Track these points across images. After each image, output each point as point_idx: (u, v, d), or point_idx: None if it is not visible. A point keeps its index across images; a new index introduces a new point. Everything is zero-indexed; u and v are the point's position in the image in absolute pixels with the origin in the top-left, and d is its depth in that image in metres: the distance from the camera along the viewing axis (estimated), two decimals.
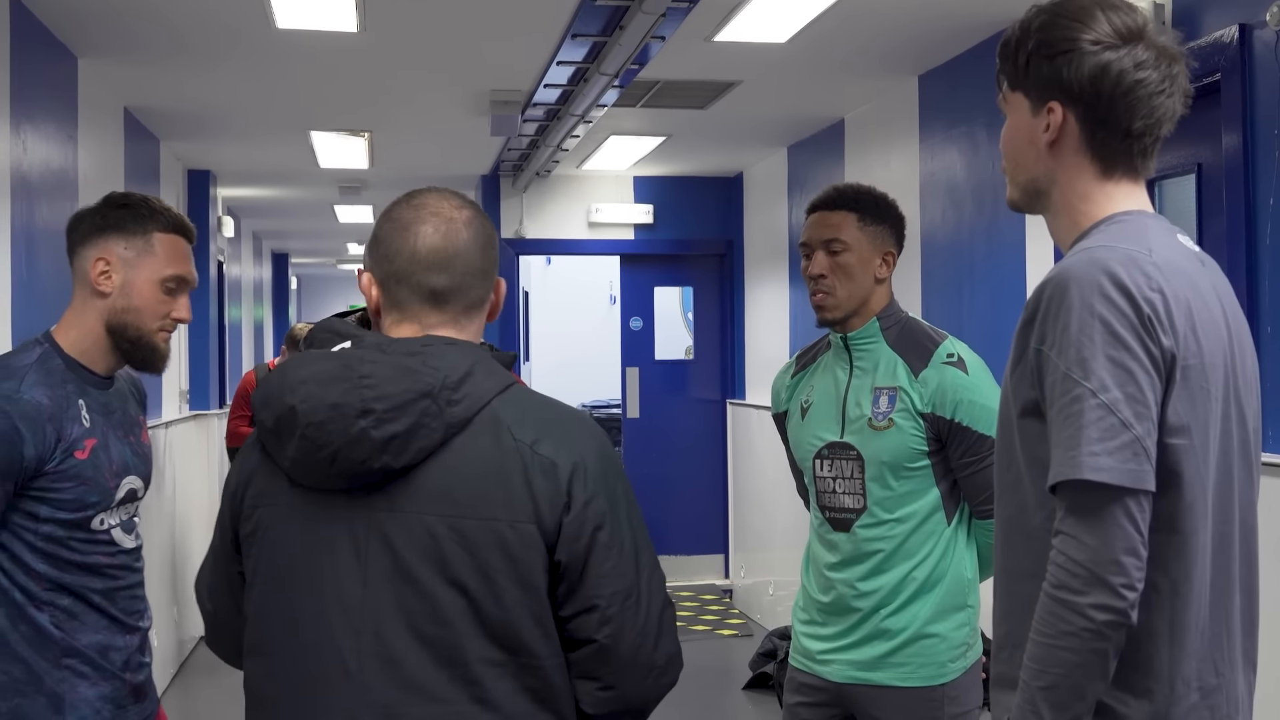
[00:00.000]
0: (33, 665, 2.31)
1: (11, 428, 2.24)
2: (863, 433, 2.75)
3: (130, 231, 2.44)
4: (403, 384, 1.66)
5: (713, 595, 8.51)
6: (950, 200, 5.14)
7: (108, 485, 2.37)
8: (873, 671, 2.74)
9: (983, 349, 2.91)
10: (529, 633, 1.67)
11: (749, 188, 8.14)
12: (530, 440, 1.70)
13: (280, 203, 9.77)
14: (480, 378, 1.71)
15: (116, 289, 2.43)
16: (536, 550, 1.67)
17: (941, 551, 2.73)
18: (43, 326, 2.52)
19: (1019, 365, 1.70)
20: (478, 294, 1.82)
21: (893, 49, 4.99)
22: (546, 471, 1.68)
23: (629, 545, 1.73)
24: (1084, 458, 1.57)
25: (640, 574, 1.73)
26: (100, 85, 5.29)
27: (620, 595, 1.70)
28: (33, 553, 2.30)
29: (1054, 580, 1.59)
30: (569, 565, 1.68)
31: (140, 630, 2.47)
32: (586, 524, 1.69)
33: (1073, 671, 1.58)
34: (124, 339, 2.43)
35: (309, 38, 4.68)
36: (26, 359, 2.37)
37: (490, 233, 1.84)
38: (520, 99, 5.67)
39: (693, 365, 8.83)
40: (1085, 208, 1.77)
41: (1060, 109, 1.75)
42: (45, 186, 4.35)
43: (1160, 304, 1.62)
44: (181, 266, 2.47)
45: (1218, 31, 3.49)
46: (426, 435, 1.66)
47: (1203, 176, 3.68)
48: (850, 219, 2.78)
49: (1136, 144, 1.75)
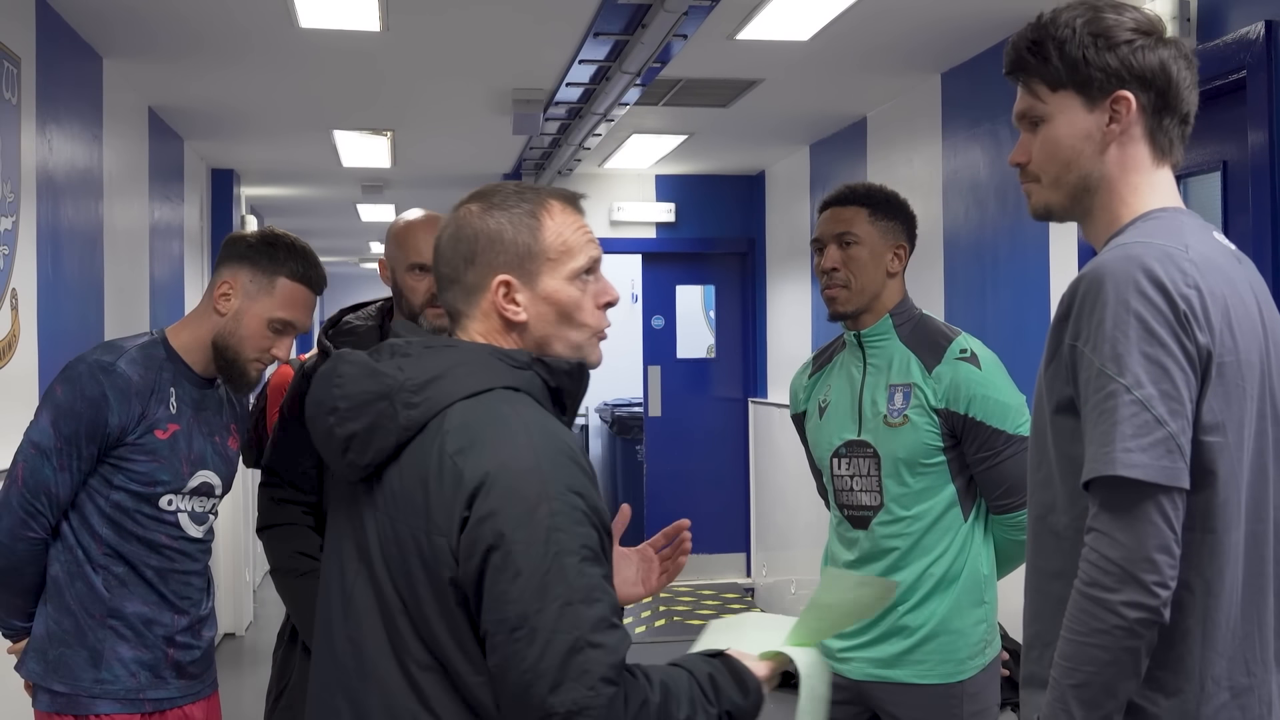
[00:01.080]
0: (80, 620, 2.50)
1: (101, 394, 2.46)
2: (879, 430, 2.76)
3: (261, 268, 2.59)
4: (363, 385, 1.69)
5: (735, 594, 8.50)
6: (973, 198, 5.12)
7: (181, 470, 2.55)
8: (891, 669, 2.74)
9: (1006, 347, 2.90)
10: (447, 645, 1.62)
11: (771, 186, 8.12)
12: (454, 449, 1.61)
13: (303, 201, 9.81)
14: (450, 381, 1.66)
15: (231, 313, 2.59)
16: (445, 564, 1.60)
17: (959, 547, 2.74)
18: (68, 325, 2.64)
19: (1053, 362, 1.69)
20: (457, 300, 1.76)
21: (915, 47, 4.98)
22: (455, 482, 1.60)
23: (532, 573, 1.54)
24: (1118, 454, 1.56)
25: (543, 607, 1.53)
26: (125, 85, 5.31)
27: (508, 625, 1.54)
28: (100, 516, 2.50)
29: (1086, 578, 1.58)
30: (463, 583, 1.59)
31: (189, 614, 2.60)
32: (479, 542, 1.56)
33: (1104, 669, 1.57)
34: (223, 357, 2.60)
35: (332, 37, 4.69)
36: (133, 341, 2.58)
37: (470, 233, 1.74)
38: (542, 97, 5.68)
39: (714, 364, 8.83)
40: (1131, 200, 1.76)
41: (1133, 97, 1.74)
42: (71, 186, 4.38)
43: (1196, 300, 1.61)
44: (294, 313, 2.62)
45: (1243, 28, 3.47)
46: (382, 436, 1.67)
47: (1228, 174, 3.66)
48: (861, 213, 2.81)
49: (1186, 129, 1.78)
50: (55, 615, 2.51)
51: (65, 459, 2.45)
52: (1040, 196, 1.83)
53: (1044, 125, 1.80)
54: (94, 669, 2.49)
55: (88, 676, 2.49)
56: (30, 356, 3.78)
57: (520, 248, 1.74)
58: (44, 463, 2.45)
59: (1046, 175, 1.81)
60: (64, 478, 2.46)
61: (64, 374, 2.51)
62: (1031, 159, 1.82)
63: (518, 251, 1.73)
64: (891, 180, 5.97)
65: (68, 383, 2.48)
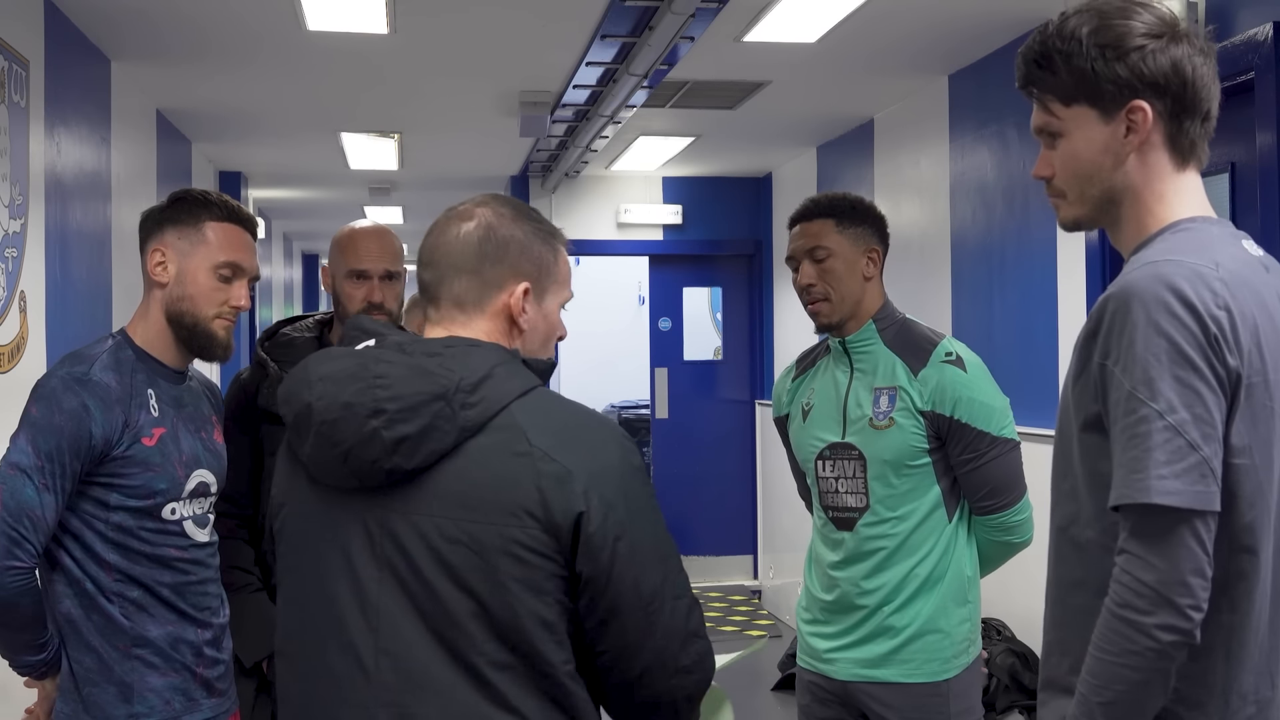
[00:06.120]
0: (103, 655, 2.35)
1: (81, 405, 2.30)
2: (864, 432, 2.79)
3: (184, 223, 2.48)
4: (417, 385, 1.65)
5: (741, 596, 8.49)
6: (981, 200, 5.11)
7: (177, 474, 2.41)
8: (877, 669, 2.77)
9: (1013, 349, 2.90)
10: (539, 638, 1.64)
11: (778, 188, 8.12)
12: (546, 446, 1.65)
13: (310, 204, 9.83)
14: (500, 380, 1.68)
15: (172, 278, 2.47)
16: (548, 558, 1.63)
17: (943, 548, 2.77)
18: (77, 328, 2.58)
19: (1081, 378, 1.68)
20: (468, 292, 1.76)
21: (922, 48, 4.97)
22: (561, 480, 1.64)
23: (651, 551, 1.70)
24: (1152, 480, 1.55)
25: (665, 579, 1.70)
26: (133, 88, 5.33)
27: (644, 603, 1.67)
28: (104, 542, 2.35)
29: (1119, 599, 1.57)
30: (592, 577, 1.65)
31: (212, 625, 2.50)
32: (608, 535, 1.65)
33: (1135, 689, 1.57)
34: (181, 327, 2.47)
35: (339, 39, 4.70)
36: (99, 348, 2.43)
37: (504, 234, 1.78)
38: (549, 100, 5.68)
39: (721, 366, 8.82)
40: (1158, 210, 1.73)
41: (1148, 106, 1.70)
42: (79, 189, 4.39)
43: (1226, 321, 1.59)
44: (236, 254, 2.49)
45: (1251, 30, 3.46)
46: (438, 438, 1.64)
47: (1236, 175, 3.65)
48: (829, 225, 2.83)
49: (1209, 125, 1.74)
50: (76, 655, 2.35)
51: (48, 478, 2.27)
52: (1068, 211, 1.81)
53: (1062, 140, 1.77)
54: (126, 704, 2.36)
55: (121, 713, 2.36)
56: (39, 359, 3.78)
57: (544, 263, 1.81)
58: (25, 483, 2.26)
59: (1071, 190, 1.78)
60: (48, 499, 2.27)
61: (36, 392, 2.35)
62: (1055, 173, 1.79)
63: (541, 265, 1.81)
64: (898, 182, 5.99)
65: (42, 400, 2.32)
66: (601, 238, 8.35)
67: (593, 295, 13.82)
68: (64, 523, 2.34)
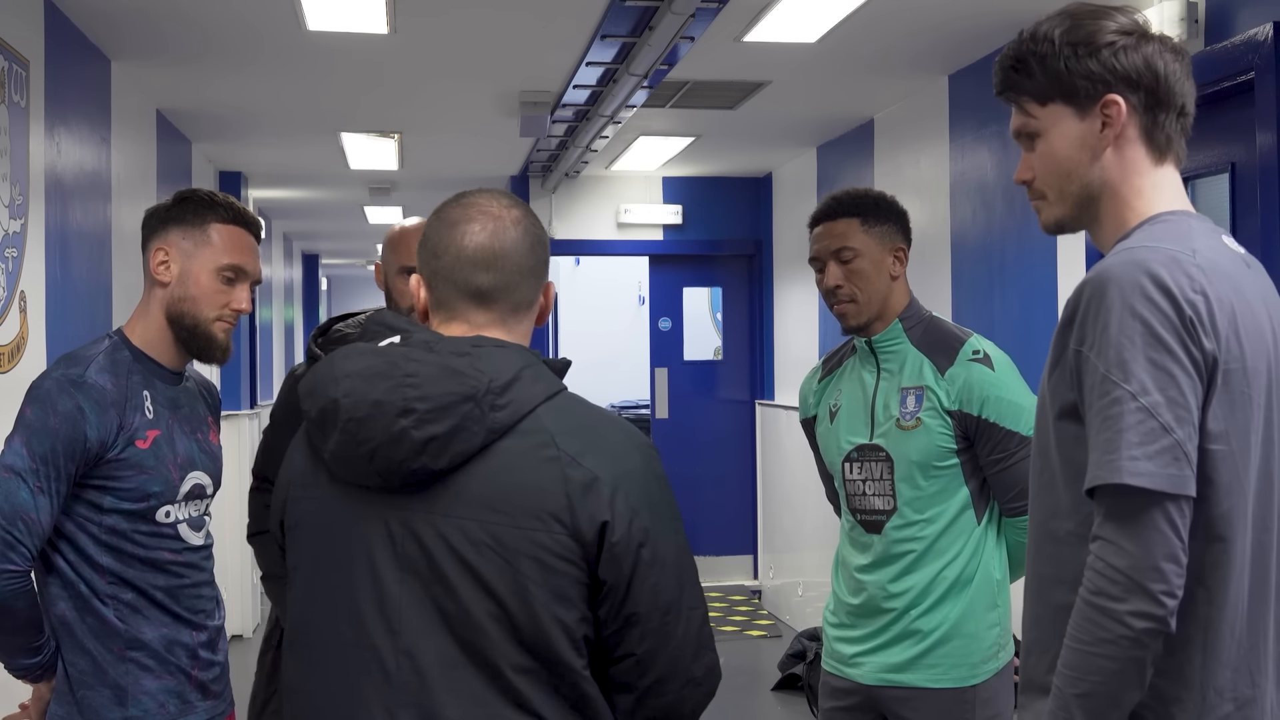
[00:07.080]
0: (98, 657, 2.35)
1: (76, 408, 2.29)
2: (891, 434, 2.74)
3: (189, 223, 2.46)
4: (447, 385, 1.63)
5: (741, 596, 8.49)
6: (981, 200, 5.11)
7: (171, 477, 2.40)
8: (904, 673, 2.72)
9: (1014, 349, 2.89)
10: (559, 643, 1.64)
11: (778, 188, 8.12)
12: (574, 451, 1.65)
13: (310, 204, 9.83)
14: (528, 383, 1.68)
15: (175, 279, 2.45)
16: (572, 563, 1.63)
17: (972, 551, 2.72)
18: (77, 328, 2.56)
19: (1057, 367, 1.68)
20: (525, 295, 1.78)
21: (923, 48, 4.98)
22: (588, 485, 1.64)
23: (672, 560, 1.70)
24: (1124, 462, 1.55)
25: (683, 589, 1.71)
26: (133, 88, 5.33)
27: (661, 611, 1.68)
28: (96, 545, 2.34)
29: (1092, 586, 1.57)
30: (613, 584, 1.65)
31: (207, 628, 2.49)
32: (631, 542, 1.65)
33: (1110, 679, 1.56)
34: (181, 328, 2.46)
35: (339, 40, 4.70)
36: (95, 349, 2.42)
37: (540, 234, 1.80)
38: (549, 100, 5.68)
39: (721, 366, 8.82)
40: (1137, 204, 1.75)
41: (1122, 100, 1.73)
42: (79, 189, 4.39)
43: (1203, 306, 1.59)
44: (239, 256, 2.48)
45: (1251, 30, 3.46)
46: (467, 439, 1.63)
47: (1236, 175, 3.65)
48: (854, 224, 2.78)
49: (1185, 122, 1.76)
50: (70, 657, 2.35)
51: (43, 480, 2.26)
52: (1048, 212, 1.82)
53: (1040, 140, 1.79)
54: (121, 707, 2.35)
55: (115, 715, 2.35)
56: (39, 359, 3.78)
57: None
58: (19, 486, 2.25)
59: (1051, 190, 1.80)
60: (43, 501, 2.26)
61: (30, 394, 2.33)
62: (1035, 175, 1.81)
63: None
64: (899, 182, 5.99)
65: (36, 402, 2.31)
66: (601, 238, 8.35)
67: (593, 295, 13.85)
68: (58, 525, 2.33)
